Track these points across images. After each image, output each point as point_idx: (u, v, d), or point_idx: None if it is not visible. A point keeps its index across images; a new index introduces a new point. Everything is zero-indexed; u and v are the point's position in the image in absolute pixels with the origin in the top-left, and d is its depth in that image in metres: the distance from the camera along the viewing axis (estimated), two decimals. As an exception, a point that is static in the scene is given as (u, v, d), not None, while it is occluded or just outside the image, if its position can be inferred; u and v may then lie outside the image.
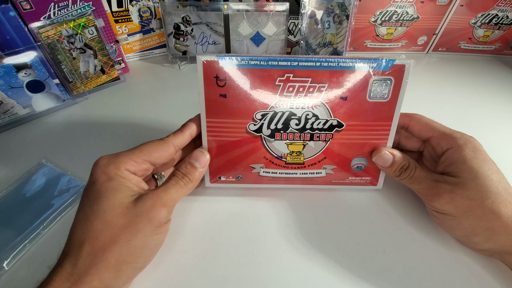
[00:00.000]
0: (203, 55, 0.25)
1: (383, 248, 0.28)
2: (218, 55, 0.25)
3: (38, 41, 0.42)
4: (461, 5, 0.58)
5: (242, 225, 0.30)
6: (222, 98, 0.27)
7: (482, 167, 0.25)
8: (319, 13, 0.54)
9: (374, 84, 0.26)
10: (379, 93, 0.27)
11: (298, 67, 0.26)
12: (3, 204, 0.31)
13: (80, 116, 0.46)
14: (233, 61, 0.25)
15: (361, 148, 0.29)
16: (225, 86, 0.26)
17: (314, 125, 0.28)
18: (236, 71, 0.26)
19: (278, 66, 0.26)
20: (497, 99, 0.51)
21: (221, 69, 0.25)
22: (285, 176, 0.31)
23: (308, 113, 0.27)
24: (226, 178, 0.31)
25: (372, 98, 0.27)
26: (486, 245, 0.25)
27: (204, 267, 0.27)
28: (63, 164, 0.37)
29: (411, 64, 0.26)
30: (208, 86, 0.26)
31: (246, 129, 0.28)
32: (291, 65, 0.26)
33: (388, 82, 0.26)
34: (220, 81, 0.26)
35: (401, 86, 0.26)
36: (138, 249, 0.21)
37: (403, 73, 0.26)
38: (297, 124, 0.28)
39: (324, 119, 0.28)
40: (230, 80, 0.26)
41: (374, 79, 0.26)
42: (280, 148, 0.29)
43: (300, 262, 0.27)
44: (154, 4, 0.56)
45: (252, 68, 0.26)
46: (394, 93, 0.27)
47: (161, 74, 0.57)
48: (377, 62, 0.26)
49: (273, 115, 0.27)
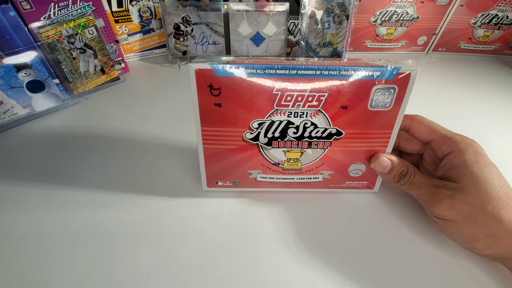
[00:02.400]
0: (195, 63, 0.24)
1: (383, 248, 0.28)
2: (211, 62, 0.23)
3: (38, 41, 0.42)
4: (461, 5, 0.58)
5: (242, 225, 0.30)
6: (217, 107, 0.25)
7: (483, 172, 0.24)
8: (319, 13, 0.54)
9: (377, 93, 0.25)
10: (381, 102, 0.25)
11: (297, 76, 0.24)
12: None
13: (80, 116, 0.46)
14: (227, 69, 0.24)
15: (359, 155, 0.29)
16: (219, 95, 0.25)
17: (313, 133, 0.27)
18: (231, 80, 0.24)
19: (275, 75, 0.24)
20: (497, 99, 0.51)
21: (215, 77, 0.24)
22: (282, 181, 0.31)
23: (307, 122, 0.26)
24: (223, 182, 0.31)
25: (373, 107, 0.26)
26: (487, 251, 0.25)
27: (204, 267, 0.27)
28: (63, 165, 0.37)
29: (417, 72, 0.24)
30: (202, 95, 0.25)
31: (242, 138, 0.27)
32: (289, 73, 0.24)
33: (392, 91, 0.25)
34: (214, 90, 0.24)
35: (404, 94, 0.25)
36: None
37: (408, 81, 0.24)
38: (295, 132, 0.27)
39: (323, 128, 0.27)
40: (225, 89, 0.24)
41: (377, 88, 0.25)
42: (277, 155, 0.29)
43: (299, 262, 0.27)
44: (154, 4, 0.56)
45: (248, 77, 0.24)
46: (397, 101, 0.25)
47: (161, 74, 0.57)
48: (381, 70, 0.24)
49: (270, 124, 0.26)
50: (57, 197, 0.33)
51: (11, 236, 0.29)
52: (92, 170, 0.36)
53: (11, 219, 0.31)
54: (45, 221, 0.30)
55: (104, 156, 0.38)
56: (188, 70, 0.24)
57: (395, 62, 0.25)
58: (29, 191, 0.34)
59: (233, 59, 0.25)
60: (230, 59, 0.26)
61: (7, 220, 0.30)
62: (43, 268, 0.26)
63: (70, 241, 0.28)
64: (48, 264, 0.26)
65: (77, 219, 0.30)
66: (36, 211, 0.31)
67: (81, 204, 0.32)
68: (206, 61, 0.24)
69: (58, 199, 0.33)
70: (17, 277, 0.26)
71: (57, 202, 0.32)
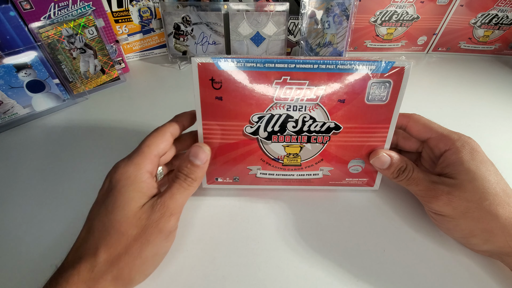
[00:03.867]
0: (198, 57, 0.24)
1: (383, 248, 0.28)
2: (213, 57, 0.25)
3: (38, 41, 0.42)
4: (461, 5, 0.58)
5: (242, 225, 0.30)
6: (218, 100, 0.26)
7: (480, 169, 0.25)
8: (319, 13, 0.54)
9: (373, 87, 0.26)
10: (378, 95, 0.26)
11: (295, 69, 0.25)
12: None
13: (80, 116, 0.46)
14: (228, 63, 0.25)
15: (358, 150, 0.29)
16: (221, 88, 0.26)
17: (312, 127, 0.28)
18: (232, 74, 0.25)
19: (275, 68, 0.25)
20: (497, 99, 0.51)
21: (217, 71, 0.25)
22: (282, 178, 0.31)
23: (306, 116, 0.27)
24: (223, 179, 0.31)
25: (370, 101, 0.26)
26: (484, 247, 0.25)
27: (204, 267, 0.27)
28: (63, 165, 0.37)
29: (411, 66, 0.25)
30: (204, 89, 0.26)
31: (242, 132, 0.28)
32: (288, 67, 0.25)
33: (387, 85, 0.26)
34: (215, 83, 0.25)
35: (400, 88, 0.26)
36: (149, 259, 0.22)
37: (402, 75, 0.25)
38: (294, 126, 0.28)
39: (321, 122, 0.27)
40: (226, 83, 0.25)
41: (373, 81, 0.26)
42: (277, 150, 0.29)
43: (299, 262, 0.27)
44: (154, 4, 0.56)
45: (248, 71, 0.25)
46: (393, 95, 0.26)
47: (161, 74, 0.57)
48: (376, 64, 0.25)
49: (270, 117, 0.27)
50: (57, 197, 0.33)
51: (11, 236, 0.29)
52: (92, 170, 0.36)
53: (11, 219, 0.31)
54: (45, 221, 0.30)
55: (104, 156, 0.38)
56: (191, 64, 0.25)
57: (389, 58, 0.26)
58: (29, 191, 0.34)
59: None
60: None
61: (7, 220, 0.30)
62: (43, 268, 0.26)
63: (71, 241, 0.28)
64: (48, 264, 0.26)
65: (77, 219, 0.30)
66: (36, 211, 0.31)
67: (81, 204, 0.32)
68: (208, 56, 0.25)
69: (58, 199, 0.33)
70: (17, 277, 0.26)
71: (57, 202, 0.32)
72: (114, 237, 0.21)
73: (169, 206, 0.23)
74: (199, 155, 0.25)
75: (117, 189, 0.22)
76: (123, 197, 0.22)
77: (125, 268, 0.21)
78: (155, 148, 0.25)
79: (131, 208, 0.22)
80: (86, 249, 0.21)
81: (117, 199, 0.22)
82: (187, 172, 0.25)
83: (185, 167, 0.25)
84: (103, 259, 0.20)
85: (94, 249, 0.21)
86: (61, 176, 0.35)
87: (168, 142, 0.26)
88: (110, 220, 0.21)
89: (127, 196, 0.22)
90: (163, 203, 0.23)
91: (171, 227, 0.23)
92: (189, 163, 0.25)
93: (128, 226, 0.21)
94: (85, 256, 0.21)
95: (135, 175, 0.23)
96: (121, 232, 0.21)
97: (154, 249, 0.22)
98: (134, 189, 0.22)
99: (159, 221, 0.22)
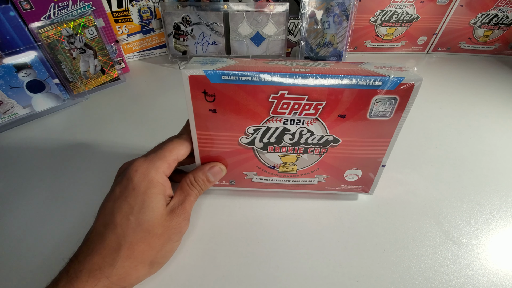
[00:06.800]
0: (188, 68, 0.23)
1: (383, 248, 0.28)
2: (205, 69, 0.22)
3: (38, 41, 0.42)
4: (461, 5, 0.58)
5: (242, 225, 0.30)
6: (211, 113, 0.25)
7: None
8: (319, 13, 0.54)
9: (377, 103, 0.24)
10: (381, 111, 0.24)
11: (294, 85, 0.23)
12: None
13: (80, 116, 0.46)
14: (222, 76, 0.23)
15: (356, 161, 0.29)
16: (214, 101, 0.24)
17: (309, 140, 0.27)
18: (226, 87, 0.23)
19: (271, 83, 0.23)
20: (497, 99, 0.51)
21: (209, 84, 0.23)
22: (277, 183, 0.31)
23: (303, 129, 0.26)
24: (220, 182, 0.31)
25: (373, 117, 0.25)
26: None
27: (204, 267, 0.27)
28: (63, 165, 0.37)
29: (421, 83, 0.23)
30: (196, 101, 0.24)
31: (237, 142, 0.27)
32: (286, 82, 0.23)
33: (393, 101, 0.24)
34: (208, 96, 0.24)
35: (406, 105, 0.24)
36: (168, 252, 0.25)
37: (410, 92, 0.23)
38: (291, 139, 0.27)
39: (319, 135, 0.26)
40: (220, 96, 0.24)
41: (377, 98, 0.23)
42: (272, 159, 0.29)
43: (299, 262, 0.27)
44: (154, 4, 0.56)
45: (244, 84, 0.23)
46: (397, 111, 0.24)
47: (161, 74, 0.57)
48: (383, 80, 0.23)
49: (266, 130, 0.26)
50: (57, 197, 0.33)
51: (11, 236, 0.29)
52: (92, 170, 0.36)
53: (11, 219, 0.31)
54: (45, 221, 0.30)
55: (104, 156, 0.38)
56: (182, 76, 0.23)
57: (399, 69, 0.24)
58: (29, 191, 0.34)
59: (229, 64, 0.24)
60: (227, 62, 0.25)
61: (7, 220, 0.30)
62: (43, 268, 0.26)
63: (71, 240, 0.28)
64: (47, 265, 0.26)
65: (77, 219, 0.30)
66: (36, 211, 0.31)
67: (81, 204, 0.32)
68: (201, 65, 0.23)
69: (58, 199, 0.33)
70: (16, 277, 0.26)
71: (57, 202, 0.32)
72: (139, 235, 0.23)
73: (188, 211, 0.26)
74: (217, 176, 0.29)
75: (142, 190, 0.24)
76: (150, 199, 0.24)
77: (147, 260, 0.23)
78: (176, 153, 0.26)
79: (159, 210, 0.24)
80: (105, 246, 0.22)
81: (145, 201, 0.23)
82: (202, 185, 0.28)
83: (201, 179, 0.28)
84: (125, 256, 0.22)
85: (116, 247, 0.22)
86: (61, 176, 0.35)
87: (188, 150, 0.27)
88: (138, 219, 0.23)
89: (154, 199, 0.24)
90: (184, 208, 0.26)
91: (187, 228, 0.26)
92: (206, 178, 0.28)
93: (156, 226, 0.23)
94: (103, 251, 0.22)
95: (157, 179, 0.24)
96: (148, 231, 0.23)
97: (171, 244, 0.25)
98: (158, 192, 0.24)
99: (181, 223, 0.25)
